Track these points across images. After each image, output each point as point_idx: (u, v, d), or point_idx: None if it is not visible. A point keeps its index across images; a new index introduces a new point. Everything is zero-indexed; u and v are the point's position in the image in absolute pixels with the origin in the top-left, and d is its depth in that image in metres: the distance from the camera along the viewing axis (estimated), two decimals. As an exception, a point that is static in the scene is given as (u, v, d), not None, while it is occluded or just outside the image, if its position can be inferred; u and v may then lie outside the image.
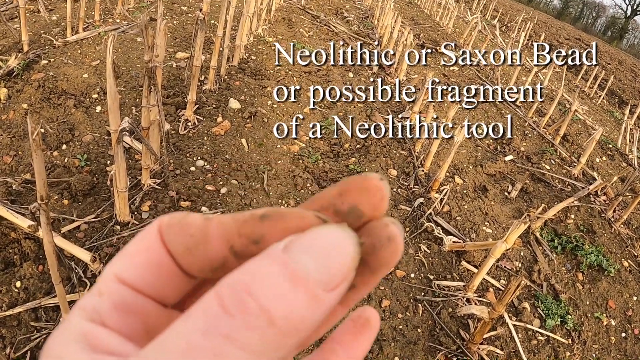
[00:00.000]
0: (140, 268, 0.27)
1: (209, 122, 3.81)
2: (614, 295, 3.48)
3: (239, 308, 0.21)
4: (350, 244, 0.25)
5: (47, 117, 3.47)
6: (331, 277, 0.23)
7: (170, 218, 0.28)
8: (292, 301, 0.22)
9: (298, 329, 0.22)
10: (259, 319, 0.21)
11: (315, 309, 0.23)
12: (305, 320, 0.22)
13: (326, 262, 0.23)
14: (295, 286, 0.22)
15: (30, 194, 2.81)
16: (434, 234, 3.40)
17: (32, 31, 4.48)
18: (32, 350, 2.04)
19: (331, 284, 0.23)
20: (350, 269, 0.24)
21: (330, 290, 0.23)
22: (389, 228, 0.27)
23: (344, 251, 0.24)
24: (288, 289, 0.22)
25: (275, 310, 0.22)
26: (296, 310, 0.22)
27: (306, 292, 0.22)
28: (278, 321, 0.22)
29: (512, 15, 18.33)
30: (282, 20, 7.36)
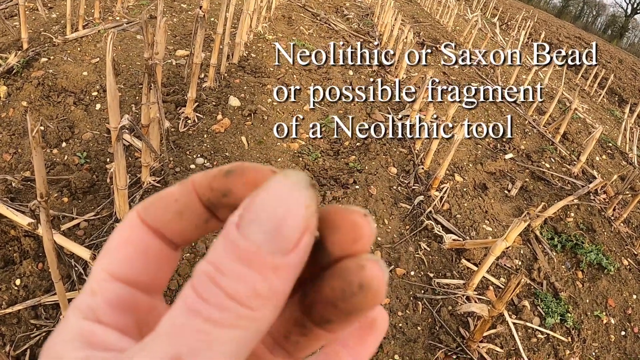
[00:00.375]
0: (128, 258, 0.27)
1: (208, 120, 3.80)
2: (614, 294, 3.48)
3: (211, 294, 0.22)
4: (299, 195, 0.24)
5: (46, 114, 3.47)
6: (285, 239, 0.23)
7: (145, 201, 0.28)
8: (253, 280, 0.22)
9: (270, 299, 0.23)
10: (229, 301, 0.22)
11: (280, 276, 0.23)
12: (274, 289, 0.23)
13: (276, 226, 0.23)
14: (250, 266, 0.23)
15: (29, 192, 2.81)
16: (434, 232, 3.40)
17: (32, 29, 4.47)
18: (31, 348, 2.04)
19: (288, 246, 0.23)
20: (306, 220, 0.24)
21: (290, 252, 0.23)
22: (363, 272, 0.25)
23: (293, 206, 0.23)
24: (244, 271, 0.23)
25: (239, 294, 0.22)
26: (259, 287, 0.23)
27: (263, 266, 0.23)
28: (246, 301, 0.22)
29: (512, 14, 18.31)
30: (282, 18, 7.36)
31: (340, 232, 0.26)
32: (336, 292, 0.25)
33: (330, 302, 0.26)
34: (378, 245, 3.17)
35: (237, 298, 0.22)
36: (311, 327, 0.28)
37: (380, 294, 0.25)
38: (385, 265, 0.26)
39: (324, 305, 0.26)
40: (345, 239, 0.26)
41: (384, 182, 3.76)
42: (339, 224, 0.26)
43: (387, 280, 0.26)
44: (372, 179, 3.71)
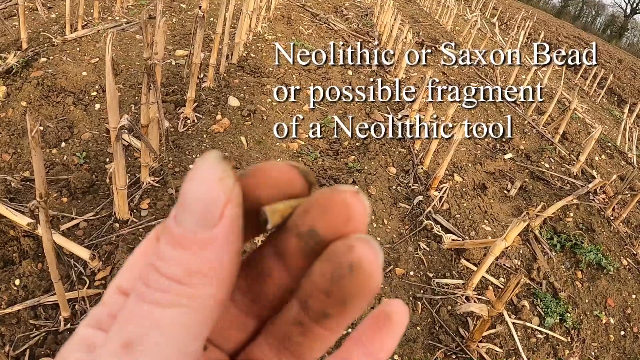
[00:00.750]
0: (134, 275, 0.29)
1: (208, 120, 3.80)
2: (613, 294, 3.48)
3: (153, 280, 0.24)
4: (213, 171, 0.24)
5: (46, 114, 3.47)
6: (207, 215, 0.24)
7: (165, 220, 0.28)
8: (186, 260, 0.24)
9: (207, 274, 0.24)
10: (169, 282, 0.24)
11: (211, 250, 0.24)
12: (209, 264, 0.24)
13: (198, 206, 0.24)
14: (182, 248, 0.24)
15: (29, 192, 2.81)
16: (433, 232, 3.40)
17: (31, 29, 4.47)
18: (31, 348, 2.04)
19: (211, 220, 0.24)
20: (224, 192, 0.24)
21: (214, 226, 0.24)
22: (352, 252, 0.24)
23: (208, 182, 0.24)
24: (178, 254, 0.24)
25: (177, 275, 0.24)
26: (192, 264, 0.24)
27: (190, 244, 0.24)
28: (183, 279, 0.23)
29: (512, 14, 18.31)
30: (282, 18, 7.36)
31: (330, 214, 0.25)
32: (326, 277, 0.25)
33: (322, 291, 0.25)
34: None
35: (176, 278, 0.23)
36: (309, 325, 0.27)
37: (373, 276, 0.24)
38: (379, 245, 0.25)
39: (318, 296, 0.25)
40: (335, 221, 0.25)
41: (383, 182, 3.76)
42: (328, 205, 0.25)
43: (382, 262, 0.25)
44: (371, 179, 3.71)
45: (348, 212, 0.25)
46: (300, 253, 0.27)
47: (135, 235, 2.62)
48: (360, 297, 0.25)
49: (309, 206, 0.26)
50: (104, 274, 2.38)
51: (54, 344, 2.07)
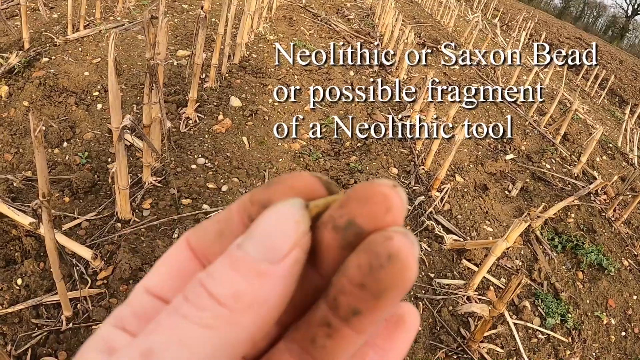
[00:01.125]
0: (164, 275, 0.29)
1: (210, 120, 3.81)
2: (614, 294, 3.48)
3: (194, 295, 0.24)
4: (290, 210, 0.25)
5: (48, 114, 3.47)
6: (273, 250, 0.24)
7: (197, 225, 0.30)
8: (235, 282, 0.24)
9: (251, 306, 0.24)
10: (209, 300, 0.24)
11: (264, 284, 0.24)
12: (257, 296, 0.24)
13: (266, 238, 0.24)
14: (236, 269, 0.24)
15: (31, 192, 2.81)
16: (435, 233, 3.40)
17: (33, 29, 4.48)
18: (33, 348, 2.04)
19: (276, 256, 0.24)
20: (297, 234, 0.25)
21: (278, 262, 0.24)
22: (391, 242, 0.24)
23: (284, 222, 0.25)
24: (229, 273, 0.24)
25: (220, 292, 0.24)
26: (242, 290, 0.24)
27: (248, 272, 0.24)
28: (225, 301, 0.23)
29: (513, 15, 18.31)
30: (283, 19, 7.36)
31: (369, 205, 0.25)
32: (363, 269, 0.24)
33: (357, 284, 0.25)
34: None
35: (217, 298, 0.24)
36: (337, 325, 0.26)
37: (410, 267, 0.24)
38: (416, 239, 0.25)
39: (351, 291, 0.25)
40: (374, 212, 0.25)
41: (384, 183, 3.75)
42: (367, 196, 0.26)
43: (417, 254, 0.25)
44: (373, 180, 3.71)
45: (387, 204, 0.25)
46: (337, 247, 0.26)
47: (137, 235, 2.63)
48: (396, 290, 0.25)
49: (346, 200, 0.26)
50: (106, 274, 2.38)
51: (55, 343, 2.07)
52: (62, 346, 2.06)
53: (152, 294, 0.28)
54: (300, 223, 0.25)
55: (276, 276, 0.24)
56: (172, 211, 2.86)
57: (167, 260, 0.29)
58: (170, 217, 2.79)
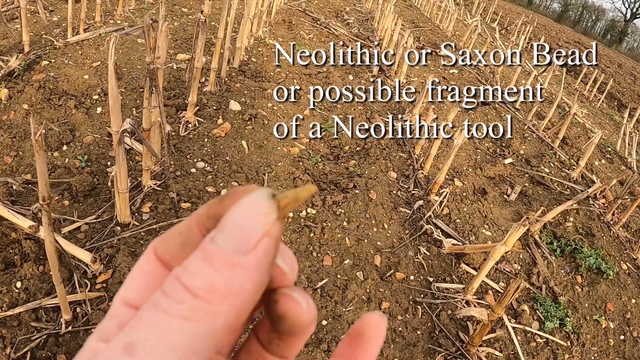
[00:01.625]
0: (139, 287, 0.30)
1: (209, 124, 3.81)
2: (613, 298, 3.49)
3: (171, 289, 0.25)
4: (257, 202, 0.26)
5: (47, 117, 3.48)
6: (244, 241, 0.26)
7: (160, 236, 0.31)
8: (209, 275, 0.25)
9: (227, 297, 0.25)
10: (185, 294, 0.25)
11: (237, 275, 0.25)
12: (231, 286, 0.25)
13: (237, 231, 0.26)
14: (209, 263, 0.25)
15: (30, 195, 2.82)
16: (434, 237, 3.41)
17: (33, 32, 4.49)
18: (32, 351, 2.04)
19: (246, 247, 0.26)
20: (265, 224, 0.26)
21: (248, 252, 0.26)
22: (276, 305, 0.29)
23: (252, 213, 0.26)
24: (203, 267, 0.25)
25: (195, 286, 0.25)
26: (216, 282, 0.25)
27: (221, 264, 0.25)
28: (201, 294, 0.25)
29: (512, 19, 18.35)
30: (283, 23, 7.38)
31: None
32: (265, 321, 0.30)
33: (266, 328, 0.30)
34: (378, 249, 3.18)
35: (193, 291, 0.25)
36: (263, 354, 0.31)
37: (300, 321, 0.29)
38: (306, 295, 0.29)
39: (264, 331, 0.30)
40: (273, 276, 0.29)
41: (383, 187, 3.76)
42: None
43: (309, 306, 0.29)
44: (372, 184, 3.72)
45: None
46: None
47: (136, 239, 2.63)
48: (295, 335, 0.29)
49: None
50: (105, 277, 2.38)
51: (55, 346, 2.07)
52: (62, 349, 2.06)
53: (130, 305, 0.30)
54: (268, 213, 0.26)
55: (248, 266, 0.25)
56: (171, 215, 2.86)
57: (137, 270, 0.31)
58: (169, 220, 2.80)
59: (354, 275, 2.90)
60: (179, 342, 0.24)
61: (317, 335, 2.48)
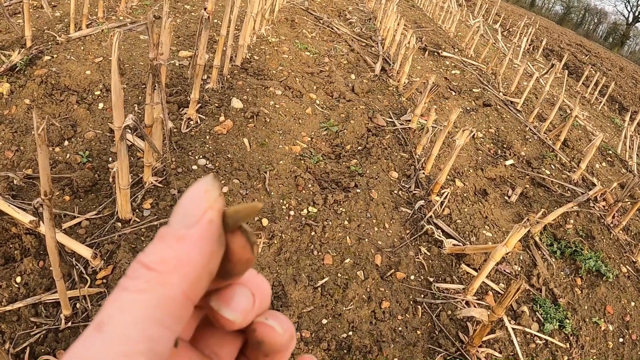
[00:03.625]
0: None
1: (211, 121, 3.81)
2: (612, 301, 3.48)
3: (131, 270, 0.28)
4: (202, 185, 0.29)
5: (49, 113, 3.47)
6: (189, 216, 0.29)
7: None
8: (159, 249, 0.28)
9: (177, 267, 0.28)
10: (140, 270, 0.27)
11: (185, 245, 0.28)
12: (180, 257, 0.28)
13: (183, 210, 0.29)
14: (160, 239, 0.28)
15: (31, 190, 2.81)
16: (434, 237, 3.40)
17: (36, 27, 4.48)
18: (31, 346, 2.04)
19: (191, 221, 0.28)
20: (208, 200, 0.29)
21: (193, 226, 0.28)
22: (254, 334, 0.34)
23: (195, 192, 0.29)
24: (156, 245, 0.28)
25: (148, 260, 0.28)
26: (166, 254, 0.28)
27: (170, 238, 0.28)
28: (153, 266, 0.27)
29: (514, 20, 18.34)
30: (285, 21, 7.37)
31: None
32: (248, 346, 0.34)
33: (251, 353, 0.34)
34: (378, 249, 3.18)
35: (146, 265, 0.27)
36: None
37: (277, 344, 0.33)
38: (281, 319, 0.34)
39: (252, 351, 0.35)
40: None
41: (385, 186, 3.76)
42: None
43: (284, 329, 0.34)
44: (373, 183, 3.72)
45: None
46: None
47: (137, 235, 2.63)
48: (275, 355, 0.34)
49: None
50: (106, 273, 2.38)
51: (54, 342, 2.07)
52: (61, 345, 2.06)
53: None
54: (210, 191, 0.29)
55: (194, 238, 0.28)
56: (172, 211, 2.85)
57: None
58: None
59: (354, 274, 2.90)
60: (139, 314, 0.26)
61: (317, 334, 2.47)
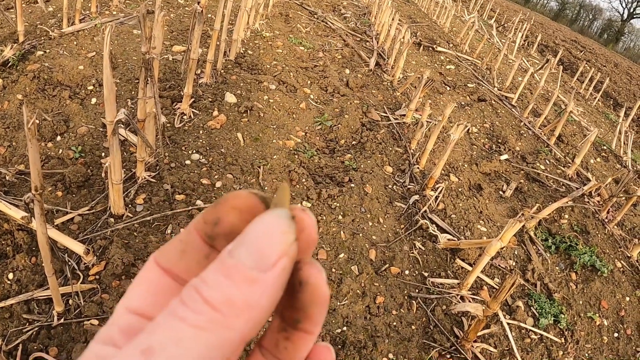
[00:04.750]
0: (141, 294, 0.32)
1: (204, 116, 3.79)
2: (607, 296, 3.49)
3: (190, 299, 0.26)
4: (278, 222, 0.28)
5: (42, 108, 3.44)
6: (264, 258, 0.27)
7: (161, 247, 0.33)
8: (228, 289, 0.26)
9: (244, 310, 0.26)
10: (204, 306, 0.26)
11: (255, 290, 0.26)
12: (248, 301, 0.26)
13: (257, 248, 0.27)
14: (228, 277, 0.26)
15: (23, 185, 2.79)
16: (429, 232, 3.40)
17: (28, 22, 4.45)
18: (24, 343, 2.02)
19: (266, 264, 0.27)
20: (285, 244, 0.27)
21: (267, 270, 0.27)
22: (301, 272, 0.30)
23: (273, 232, 0.27)
24: (223, 281, 0.26)
25: (214, 298, 0.26)
26: (234, 296, 0.26)
27: (240, 279, 0.26)
28: (219, 306, 0.26)
29: (509, 16, 18.35)
30: (280, 16, 7.34)
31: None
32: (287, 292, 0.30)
33: (288, 303, 0.31)
34: (373, 244, 3.17)
35: (212, 303, 0.26)
36: (290, 330, 0.32)
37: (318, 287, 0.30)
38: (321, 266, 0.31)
39: (286, 307, 0.31)
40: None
41: (379, 181, 3.75)
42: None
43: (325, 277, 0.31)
44: (367, 178, 3.71)
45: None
46: None
47: (130, 231, 2.61)
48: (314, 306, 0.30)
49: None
50: (98, 269, 2.36)
51: (47, 338, 2.05)
52: (53, 342, 2.04)
53: (135, 313, 0.31)
54: (288, 233, 0.28)
55: (266, 283, 0.27)
56: (165, 207, 2.84)
57: (140, 280, 0.32)
58: (163, 212, 2.78)
59: (348, 269, 2.89)
60: (194, 350, 0.25)
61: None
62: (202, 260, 0.32)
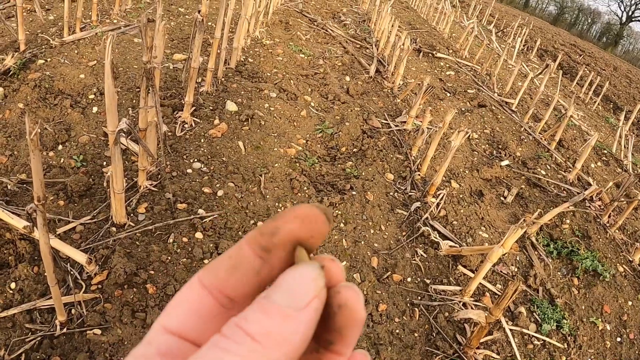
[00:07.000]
0: (181, 315, 0.33)
1: (205, 124, 3.80)
2: (609, 300, 3.49)
3: (231, 332, 0.29)
4: (310, 271, 0.31)
5: (43, 117, 3.45)
6: (297, 298, 0.30)
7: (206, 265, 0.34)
8: (266, 322, 0.29)
9: (280, 343, 0.28)
10: (245, 337, 0.28)
11: (290, 325, 0.29)
12: (284, 335, 0.28)
13: (291, 292, 0.30)
14: (266, 313, 0.29)
15: (25, 195, 2.79)
16: (431, 238, 3.40)
17: (29, 30, 4.46)
18: (26, 353, 2.02)
19: (300, 304, 0.29)
20: (316, 289, 0.30)
21: (301, 309, 0.29)
22: (339, 295, 0.32)
23: (305, 279, 0.30)
24: (262, 317, 0.29)
25: (254, 331, 0.28)
26: (272, 328, 0.28)
27: (277, 315, 0.29)
28: (258, 337, 0.28)
29: (508, 21, 18.40)
30: (280, 23, 7.36)
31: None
32: (324, 315, 0.32)
33: (323, 325, 0.32)
34: (375, 251, 3.17)
35: (252, 335, 0.28)
36: (322, 351, 0.34)
37: (356, 310, 0.32)
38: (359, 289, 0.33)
39: (322, 328, 0.32)
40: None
41: (380, 189, 3.76)
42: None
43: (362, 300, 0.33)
44: (368, 185, 3.71)
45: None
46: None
47: (132, 240, 2.61)
48: (350, 328, 0.32)
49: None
50: (101, 279, 2.36)
51: (49, 348, 2.05)
52: (56, 351, 2.04)
53: (175, 334, 0.32)
54: (317, 280, 0.31)
55: (300, 320, 0.29)
56: (167, 216, 2.84)
57: (181, 300, 0.33)
58: (165, 221, 2.78)
59: (350, 277, 2.89)
60: None
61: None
62: (252, 277, 0.33)
